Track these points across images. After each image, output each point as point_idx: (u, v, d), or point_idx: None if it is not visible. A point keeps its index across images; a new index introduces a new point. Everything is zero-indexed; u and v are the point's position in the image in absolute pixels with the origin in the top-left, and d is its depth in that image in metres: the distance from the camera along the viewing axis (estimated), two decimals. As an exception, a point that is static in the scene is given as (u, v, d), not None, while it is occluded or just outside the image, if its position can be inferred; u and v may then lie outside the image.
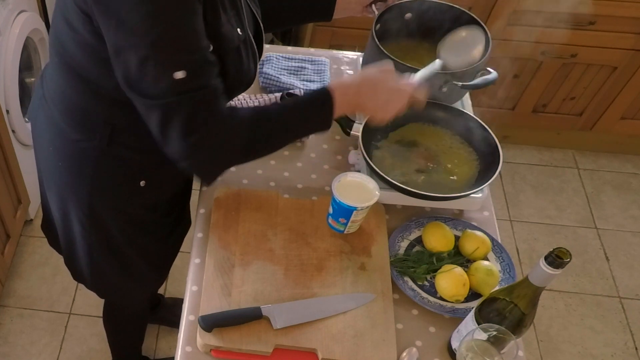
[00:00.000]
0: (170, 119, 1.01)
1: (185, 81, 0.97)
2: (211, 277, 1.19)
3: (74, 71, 1.13)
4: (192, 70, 0.97)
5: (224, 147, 1.08)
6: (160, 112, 1.01)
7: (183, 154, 1.06)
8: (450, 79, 1.33)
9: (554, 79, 2.49)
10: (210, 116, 1.02)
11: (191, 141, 1.03)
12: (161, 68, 0.96)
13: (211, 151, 1.06)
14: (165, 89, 0.97)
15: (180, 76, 0.96)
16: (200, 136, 1.03)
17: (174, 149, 1.05)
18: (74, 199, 1.29)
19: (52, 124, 1.24)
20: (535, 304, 1.01)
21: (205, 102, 1.01)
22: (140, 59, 0.95)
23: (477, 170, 1.35)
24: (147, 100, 1.00)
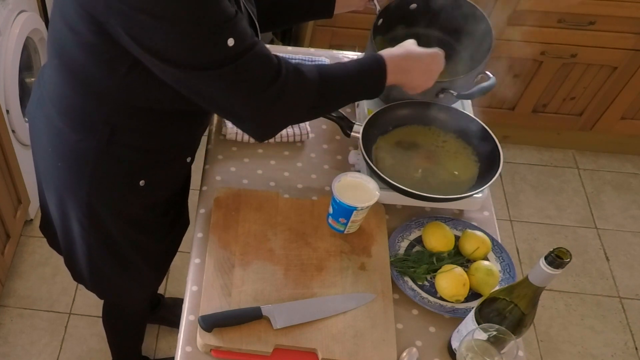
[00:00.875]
0: (237, 83, 1.03)
1: (237, 45, 0.99)
2: (211, 277, 1.19)
3: (74, 72, 1.13)
4: (239, 33, 0.99)
5: (296, 102, 1.10)
6: (226, 79, 1.02)
7: (256, 113, 1.07)
8: (448, 87, 1.33)
9: (554, 79, 2.49)
10: (276, 70, 1.05)
11: (264, 97, 1.05)
12: (213, 39, 0.97)
13: (285, 106, 1.09)
14: (224, 57, 0.99)
15: (232, 43, 0.98)
16: (273, 91, 1.05)
17: (245, 110, 1.07)
18: (73, 199, 1.29)
19: (51, 125, 1.24)
20: (535, 304, 1.01)
21: (263, 57, 1.04)
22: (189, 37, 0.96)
23: (478, 170, 1.35)
24: (207, 72, 1.01)
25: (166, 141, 1.25)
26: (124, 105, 1.14)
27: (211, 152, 1.46)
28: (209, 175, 1.41)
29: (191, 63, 0.99)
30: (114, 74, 1.07)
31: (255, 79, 1.04)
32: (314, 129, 1.52)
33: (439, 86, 1.32)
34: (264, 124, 1.12)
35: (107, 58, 1.04)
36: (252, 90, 1.04)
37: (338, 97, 1.18)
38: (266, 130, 1.14)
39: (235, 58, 1.00)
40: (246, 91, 1.04)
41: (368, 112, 1.40)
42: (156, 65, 1.01)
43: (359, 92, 1.21)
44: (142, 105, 1.14)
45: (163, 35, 0.96)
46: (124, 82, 1.08)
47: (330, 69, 1.16)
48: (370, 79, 1.18)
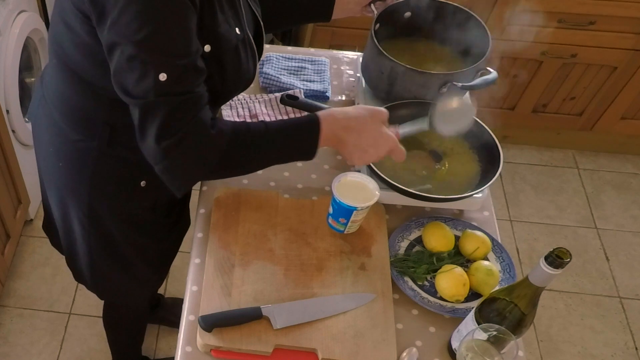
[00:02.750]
0: (147, 119, 1.01)
1: (167, 84, 0.97)
2: (211, 277, 1.19)
3: (73, 72, 1.13)
4: (176, 75, 0.97)
5: (197, 158, 1.06)
6: (140, 111, 1.01)
7: (156, 157, 1.05)
8: (451, 79, 1.33)
9: (554, 79, 2.49)
10: (188, 123, 1.01)
11: (164, 145, 1.02)
12: (145, 68, 0.96)
13: (184, 159, 1.04)
14: (148, 89, 0.98)
15: (163, 79, 0.96)
16: (174, 142, 1.01)
17: (148, 150, 1.05)
18: (73, 199, 1.29)
19: (52, 125, 1.24)
20: (535, 304, 1.01)
21: (185, 108, 1.01)
22: (127, 58, 0.96)
23: (478, 170, 1.35)
24: (130, 98, 1.01)
25: None
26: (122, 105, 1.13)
27: (211, 152, 1.46)
28: (209, 175, 1.41)
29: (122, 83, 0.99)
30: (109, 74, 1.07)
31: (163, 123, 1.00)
32: (314, 129, 1.52)
33: (442, 79, 1.33)
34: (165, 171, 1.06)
35: (102, 58, 1.05)
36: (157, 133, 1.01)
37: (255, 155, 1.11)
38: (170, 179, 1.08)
39: (158, 94, 0.98)
40: (152, 132, 1.01)
41: (368, 112, 1.40)
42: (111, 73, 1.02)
43: (286, 152, 1.13)
44: None
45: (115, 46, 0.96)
46: None
47: (251, 123, 1.10)
48: (300, 137, 1.11)
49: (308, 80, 1.60)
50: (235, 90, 1.19)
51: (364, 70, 1.49)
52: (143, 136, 1.03)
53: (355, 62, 1.69)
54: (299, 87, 1.55)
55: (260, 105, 1.49)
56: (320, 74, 1.61)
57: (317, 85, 1.58)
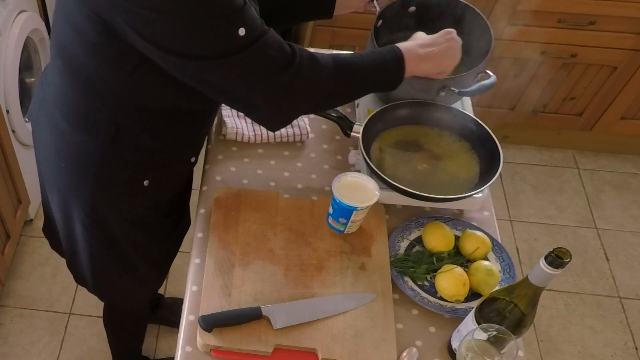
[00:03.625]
0: (250, 70, 1.02)
1: (248, 34, 0.99)
2: (211, 277, 1.19)
3: (78, 73, 1.13)
4: (249, 23, 0.99)
5: (311, 89, 1.09)
6: (239, 67, 1.01)
7: (270, 99, 1.06)
8: (448, 84, 1.33)
9: (554, 79, 2.49)
10: (289, 56, 1.04)
11: (278, 82, 1.04)
12: (224, 31, 0.97)
13: (300, 92, 1.08)
14: (236, 47, 0.99)
15: (243, 32, 0.98)
16: (287, 77, 1.04)
17: (258, 97, 1.06)
18: (76, 200, 1.29)
19: (54, 126, 1.24)
20: (535, 304, 1.01)
21: (275, 43, 1.03)
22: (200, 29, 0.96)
23: (478, 170, 1.35)
24: (219, 60, 1.00)
25: (170, 141, 1.25)
26: (128, 105, 1.14)
27: (211, 152, 1.46)
28: (209, 175, 1.41)
29: (202, 54, 0.99)
30: (118, 73, 1.07)
31: (267, 66, 1.03)
32: (314, 129, 1.52)
33: (440, 84, 1.33)
34: (277, 112, 1.11)
35: (112, 57, 1.04)
36: (265, 77, 1.04)
37: (354, 86, 1.17)
38: (279, 118, 1.13)
39: (246, 46, 1.00)
40: (259, 79, 1.04)
41: (368, 112, 1.40)
42: (165, 58, 1.01)
43: (377, 82, 1.19)
44: (146, 105, 1.14)
45: (171, 30, 0.96)
46: (128, 81, 1.08)
47: (347, 57, 1.15)
48: (388, 68, 1.17)
49: (308, 80, 1.59)
50: None
51: (364, 71, 1.49)
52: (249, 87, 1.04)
53: (355, 62, 1.68)
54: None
55: None
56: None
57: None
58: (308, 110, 1.18)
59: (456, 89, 1.32)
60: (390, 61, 1.17)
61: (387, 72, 1.17)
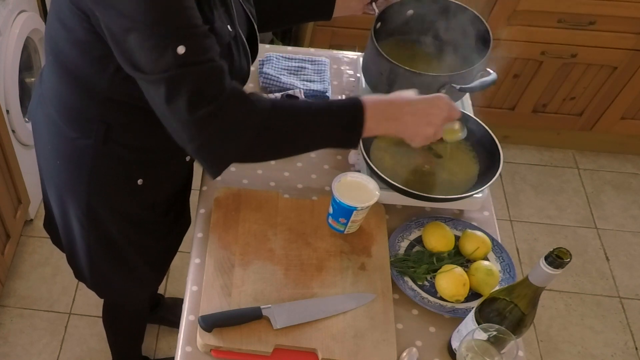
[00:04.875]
0: (176, 92, 0.97)
1: (188, 54, 0.95)
2: (211, 277, 1.19)
3: (69, 70, 1.13)
4: (193, 44, 0.96)
5: (235, 128, 1.00)
6: (166, 85, 0.97)
7: (191, 132, 1.00)
8: (449, 81, 1.33)
9: (554, 79, 2.49)
10: (219, 91, 0.99)
11: (200, 113, 0.97)
12: (163, 44, 0.94)
13: (221, 130, 1.00)
14: (170, 63, 0.95)
15: (182, 51, 0.94)
16: (209, 110, 0.98)
17: (180, 126, 1.00)
18: (72, 197, 1.29)
19: (50, 123, 1.25)
20: (535, 304, 1.01)
21: (212, 76, 0.99)
22: (143, 38, 0.94)
23: (478, 170, 1.35)
24: (153, 76, 0.97)
25: (162, 140, 1.23)
26: (117, 103, 1.14)
27: (211, 152, 1.46)
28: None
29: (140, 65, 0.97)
30: (104, 72, 1.07)
31: (194, 93, 0.97)
32: (314, 129, 1.52)
33: (440, 81, 1.33)
34: (202, 147, 1.02)
35: (97, 56, 1.04)
36: (190, 104, 0.97)
37: (294, 134, 1.05)
38: (209, 158, 1.04)
39: (180, 66, 0.96)
40: (183, 104, 0.98)
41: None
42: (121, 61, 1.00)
43: (326, 136, 1.07)
44: (134, 104, 1.13)
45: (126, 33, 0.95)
46: (114, 80, 1.08)
47: (289, 102, 1.05)
48: (341, 120, 1.04)
49: (308, 80, 1.60)
50: None
51: (364, 71, 1.49)
52: (173, 112, 0.99)
53: (355, 62, 1.69)
54: (299, 87, 1.55)
55: None
56: (320, 74, 1.61)
57: (317, 85, 1.58)
58: (238, 153, 1.05)
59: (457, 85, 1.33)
60: (345, 114, 1.03)
61: (339, 125, 1.03)
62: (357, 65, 1.65)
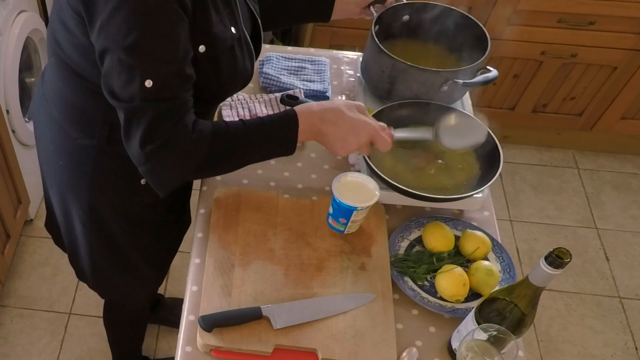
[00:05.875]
0: (132, 123, 1.02)
1: (153, 90, 0.98)
2: (211, 277, 1.19)
3: (71, 71, 1.13)
4: (162, 82, 0.98)
5: (180, 160, 1.07)
6: (125, 114, 1.02)
7: (140, 160, 1.06)
8: (452, 77, 1.34)
9: (554, 79, 2.49)
10: (171, 127, 1.02)
11: (147, 149, 1.03)
12: (132, 73, 0.97)
13: (166, 162, 1.06)
14: (134, 94, 0.98)
15: (149, 85, 0.97)
16: (157, 146, 1.02)
17: (132, 153, 1.06)
18: (74, 197, 1.30)
19: (52, 123, 1.25)
20: (535, 304, 1.01)
21: (170, 113, 1.02)
22: (116, 62, 0.97)
23: (478, 170, 1.35)
24: (116, 102, 1.02)
25: None
26: None
27: (211, 152, 1.46)
28: (209, 175, 1.41)
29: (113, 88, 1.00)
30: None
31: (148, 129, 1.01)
32: (314, 129, 1.52)
33: (443, 77, 1.33)
34: (149, 173, 1.07)
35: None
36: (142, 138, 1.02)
37: (237, 154, 1.11)
38: (154, 181, 1.09)
39: (144, 100, 0.99)
40: (136, 137, 1.02)
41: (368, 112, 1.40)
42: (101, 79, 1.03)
43: (267, 148, 1.13)
44: None
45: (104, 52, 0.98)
46: None
47: (231, 123, 1.10)
48: (278, 132, 1.11)
49: (308, 80, 1.60)
50: (233, 89, 1.19)
51: (363, 71, 1.49)
52: (128, 139, 1.04)
53: (355, 62, 1.69)
54: (299, 87, 1.55)
55: (260, 105, 1.49)
56: (320, 74, 1.61)
57: (317, 85, 1.58)
58: (182, 178, 1.12)
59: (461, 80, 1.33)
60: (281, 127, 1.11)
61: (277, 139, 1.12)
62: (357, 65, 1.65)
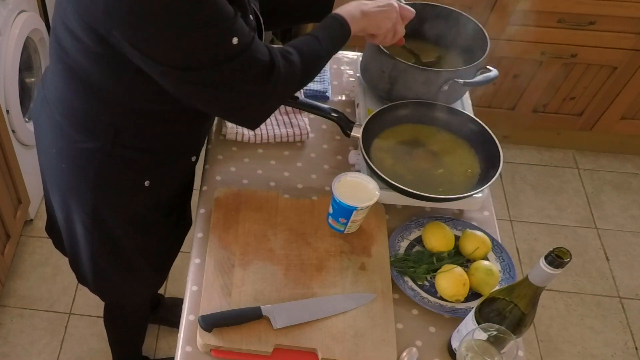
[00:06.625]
0: (243, 74, 1.04)
1: (241, 42, 1.01)
2: (211, 277, 1.19)
3: (77, 76, 1.13)
4: (241, 32, 1.01)
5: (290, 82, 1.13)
6: (233, 73, 1.03)
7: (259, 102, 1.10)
8: (452, 76, 1.34)
9: (554, 79, 2.49)
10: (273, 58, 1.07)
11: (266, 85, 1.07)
12: (218, 43, 0.99)
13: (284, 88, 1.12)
14: (229, 55, 1.01)
15: (236, 42, 1.00)
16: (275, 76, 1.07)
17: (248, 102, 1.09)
18: (77, 200, 1.29)
19: (55, 126, 1.24)
20: (535, 304, 1.01)
21: (261, 47, 1.06)
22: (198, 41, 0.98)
23: (478, 170, 1.35)
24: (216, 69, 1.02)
25: (171, 141, 1.25)
26: (128, 108, 1.14)
27: (211, 152, 1.46)
28: (209, 175, 1.41)
29: (199, 64, 1.00)
30: (119, 80, 1.08)
31: (255, 73, 1.06)
32: (314, 129, 1.52)
33: (444, 77, 1.33)
34: (260, 112, 1.14)
35: (113, 65, 1.05)
36: (255, 82, 1.07)
37: (318, 67, 1.22)
38: (262, 116, 1.16)
39: (238, 54, 1.02)
40: (249, 84, 1.06)
41: (368, 112, 1.40)
42: (160, 70, 1.02)
43: (332, 52, 1.23)
44: (146, 107, 1.14)
45: (168, 43, 0.97)
46: (129, 87, 1.09)
47: (306, 46, 1.18)
48: (338, 37, 1.21)
49: (308, 80, 1.59)
50: None
51: (363, 72, 1.49)
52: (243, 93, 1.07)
53: (355, 62, 1.69)
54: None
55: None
56: (320, 74, 1.61)
57: (317, 85, 1.58)
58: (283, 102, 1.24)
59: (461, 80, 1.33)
60: (338, 31, 1.21)
61: (338, 41, 1.22)
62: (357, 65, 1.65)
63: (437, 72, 1.35)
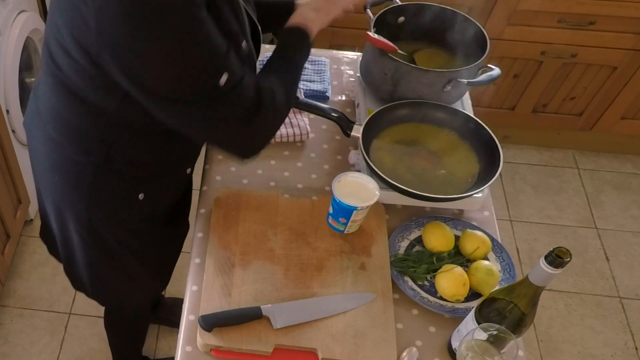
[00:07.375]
0: (231, 113, 1.04)
1: (230, 80, 1.00)
2: (211, 277, 1.19)
3: (70, 91, 1.11)
4: (231, 68, 1.00)
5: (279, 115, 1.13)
6: (219, 110, 1.03)
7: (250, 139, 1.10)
8: (455, 77, 1.34)
9: (554, 79, 2.49)
10: (260, 96, 1.07)
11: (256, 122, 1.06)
12: (206, 76, 0.98)
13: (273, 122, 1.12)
14: (216, 92, 1.00)
15: (225, 78, 0.99)
16: (263, 114, 1.07)
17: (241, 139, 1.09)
18: (71, 211, 1.27)
19: (47, 139, 1.22)
20: (535, 303, 1.01)
21: (251, 85, 1.05)
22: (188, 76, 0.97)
23: (478, 170, 1.35)
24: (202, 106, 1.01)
25: (164, 155, 1.24)
26: (121, 124, 1.12)
27: (211, 152, 1.46)
28: (209, 175, 1.41)
29: (184, 97, 1.00)
30: (111, 98, 1.06)
31: (243, 110, 1.05)
32: (314, 129, 1.52)
33: (447, 77, 1.33)
34: (251, 147, 1.14)
35: (104, 84, 1.03)
36: (241, 120, 1.06)
37: (296, 87, 1.21)
38: (254, 150, 1.15)
39: (227, 92, 1.00)
40: (236, 121, 1.06)
41: (368, 112, 1.40)
42: (147, 100, 1.02)
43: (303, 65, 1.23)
44: (139, 123, 1.12)
45: (156, 72, 0.96)
46: (121, 105, 1.07)
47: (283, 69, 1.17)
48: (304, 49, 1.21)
49: (308, 80, 1.60)
50: None
51: (364, 73, 1.49)
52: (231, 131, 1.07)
53: (355, 62, 1.69)
54: (299, 87, 1.55)
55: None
56: (320, 74, 1.61)
57: (317, 85, 1.58)
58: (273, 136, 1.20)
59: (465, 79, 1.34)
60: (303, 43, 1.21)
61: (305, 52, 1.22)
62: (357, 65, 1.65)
63: (440, 73, 1.35)
